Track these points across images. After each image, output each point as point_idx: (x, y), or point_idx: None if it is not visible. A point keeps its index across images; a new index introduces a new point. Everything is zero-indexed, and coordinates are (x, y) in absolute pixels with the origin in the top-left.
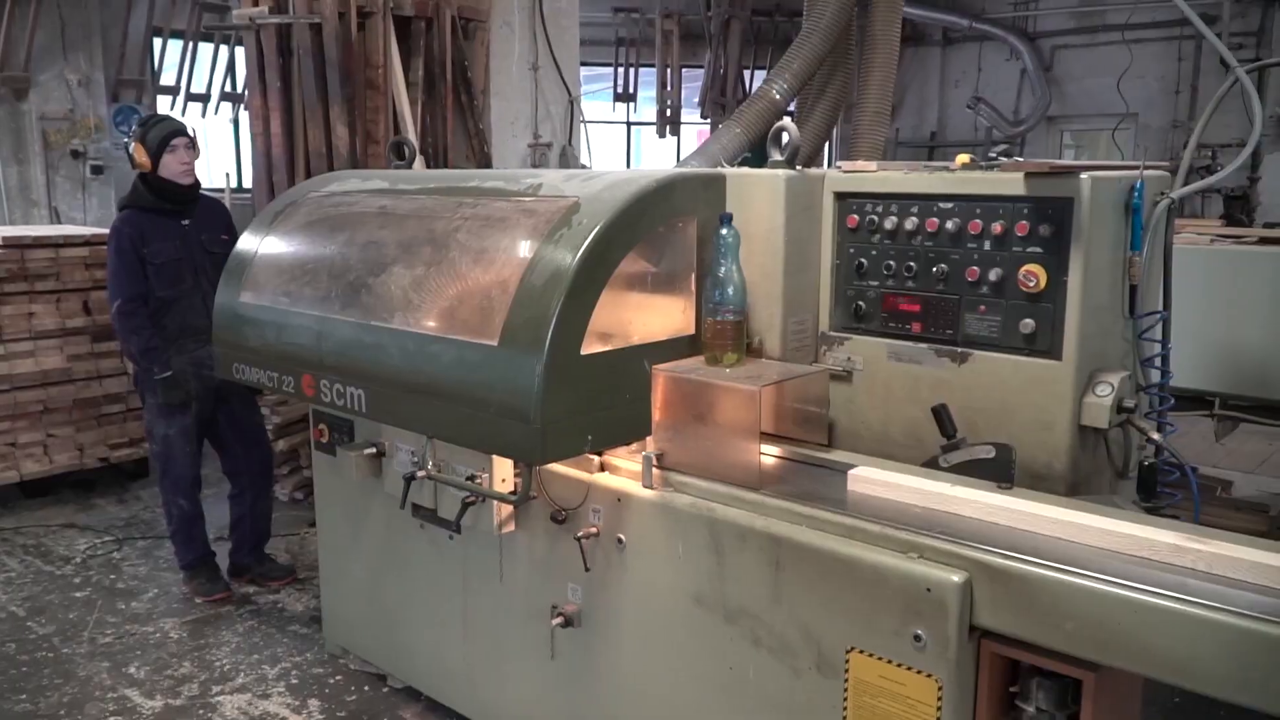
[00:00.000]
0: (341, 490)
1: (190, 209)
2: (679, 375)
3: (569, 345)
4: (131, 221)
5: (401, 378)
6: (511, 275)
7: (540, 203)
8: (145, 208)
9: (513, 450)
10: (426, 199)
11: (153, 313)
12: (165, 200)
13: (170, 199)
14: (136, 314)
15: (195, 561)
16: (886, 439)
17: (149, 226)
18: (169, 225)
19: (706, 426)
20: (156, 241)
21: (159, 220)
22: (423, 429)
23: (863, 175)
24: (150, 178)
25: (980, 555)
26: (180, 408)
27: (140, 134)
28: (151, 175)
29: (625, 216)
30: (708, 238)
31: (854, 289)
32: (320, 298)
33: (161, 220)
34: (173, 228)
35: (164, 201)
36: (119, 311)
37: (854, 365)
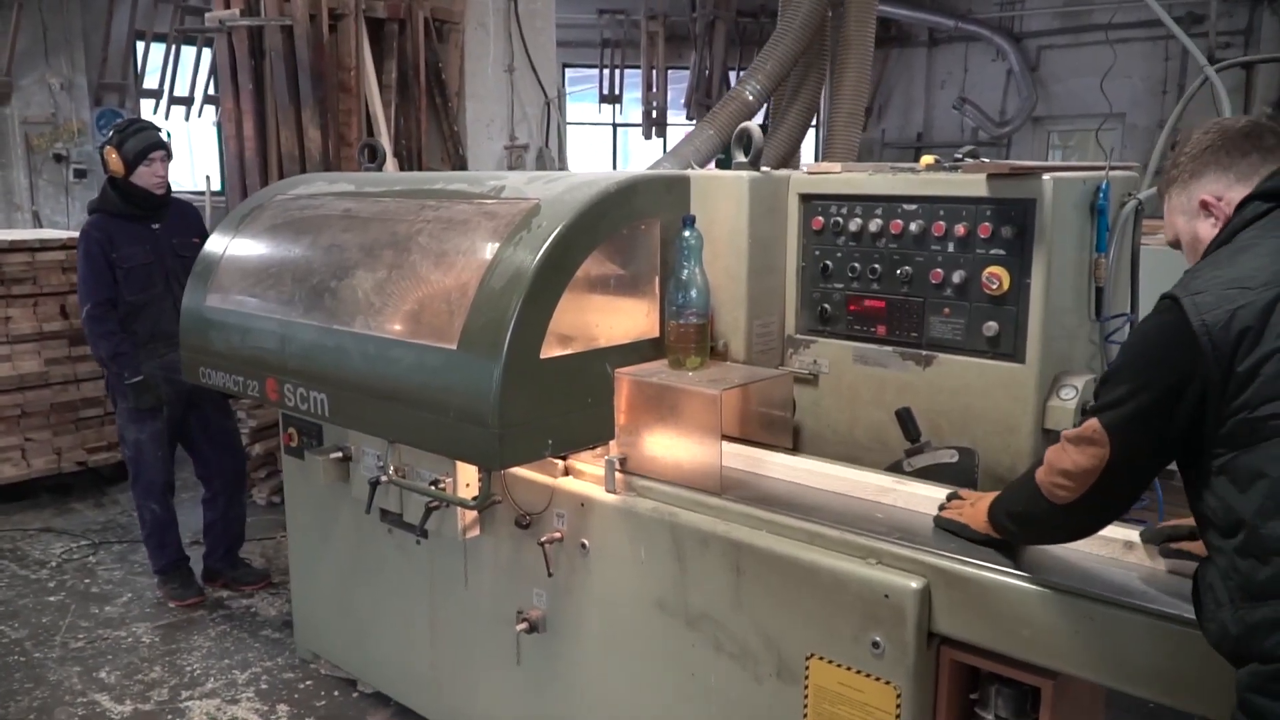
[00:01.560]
0: (311, 495)
1: (160, 213)
2: (641, 379)
3: (528, 348)
4: (100, 226)
5: (363, 382)
6: (471, 278)
7: (502, 205)
8: (114, 213)
9: (471, 455)
10: (390, 202)
11: (123, 317)
12: (135, 206)
13: (140, 205)
14: (105, 318)
15: (168, 566)
16: (852, 442)
17: (118, 231)
18: (138, 230)
19: (669, 430)
20: (125, 246)
21: (128, 225)
22: (384, 433)
23: (827, 177)
24: (121, 183)
25: (938, 561)
26: (151, 412)
27: (118, 140)
28: (123, 180)
29: (585, 218)
30: (671, 240)
31: (820, 291)
32: (284, 301)
33: (131, 225)
34: (142, 232)
35: (134, 207)
36: (88, 316)
37: (820, 368)
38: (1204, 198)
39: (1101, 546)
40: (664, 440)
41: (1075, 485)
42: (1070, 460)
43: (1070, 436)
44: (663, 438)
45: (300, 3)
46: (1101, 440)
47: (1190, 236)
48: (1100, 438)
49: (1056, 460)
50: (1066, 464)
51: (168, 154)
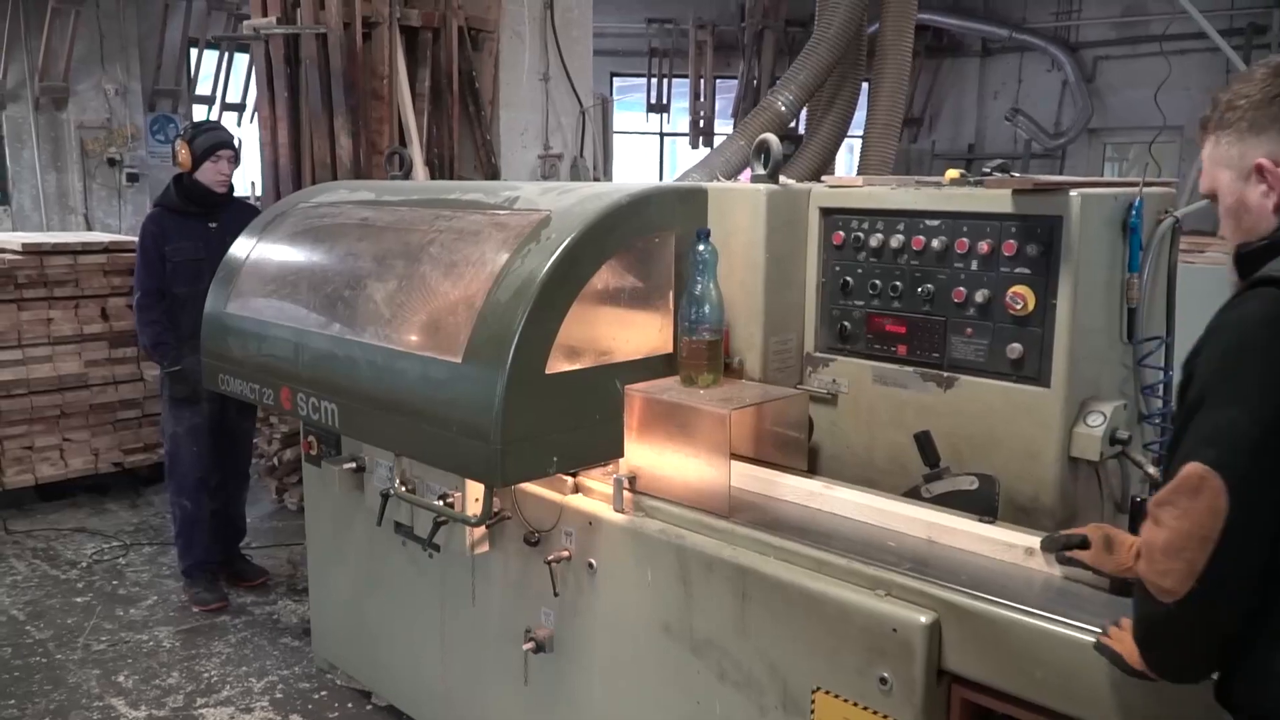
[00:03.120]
0: (329, 503)
1: (219, 212)
2: (651, 395)
3: (533, 362)
4: (156, 219)
5: (371, 393)
6: (479, 290)
7: (513, 216)
8: (172, 208)
9: (473, 470)
10: (406, 211)
11: (169, 308)
12: (193, 203)
13: (198, 202)
14: (151, 307)
15: (193, 568)
16: (870, 465)
17: (173, 225)
18: (194, 226)
19: (678, 450)
20: (178, 240)
21: (184, 221)
22: (391, 446)
23: (849, 190)
24: (185, 178)
25: (949, 595)
26: (189, 407)
27: (191, 134)
28: (187, 176)
29: (596, 230)
30: (686, 254)
31: (839, 308)
32: (300, 310)
33: (187, 221)
34: (197, 228)
35: (192, 204)
36: (136, 304)
37: (839, 388)
38: (1261, 161)
39: (1003, 552)
40: (674, 459)
41: (1184, 567)
42: (1170, 528)
43: (1162, 498)
44: (672, 457)
45: (334, 11)
46: (1212, 487)
47: (1234, 200)
48: (1209, 483)
49: (1152, 538)
50: (1165, 536)
51: (235, 156)
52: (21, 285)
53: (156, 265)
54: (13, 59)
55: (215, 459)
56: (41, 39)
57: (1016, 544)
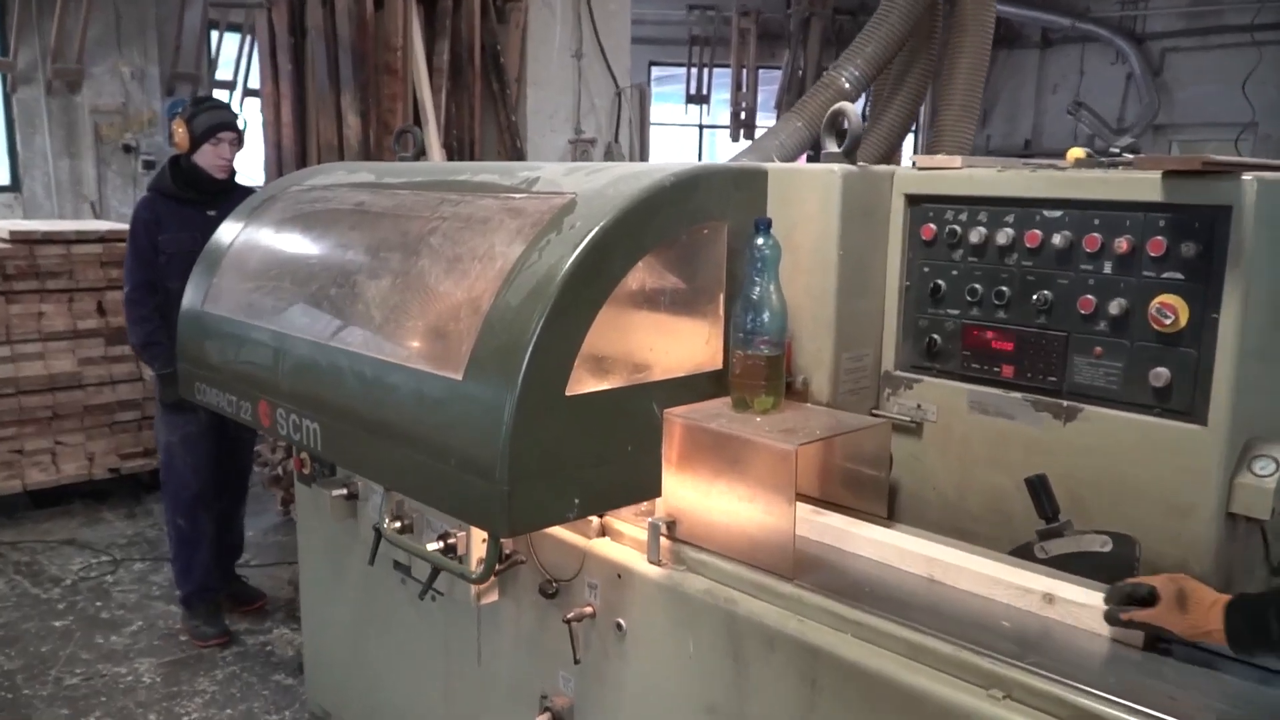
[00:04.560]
0: (323, 528)
1: (219, 200)
2: (697, 423)
3: (551, 382)
4: (149, 205)
5: (357, 412)
6: (485, 290)
7: (531, 201)
8: (167, 193)
9: (474, 514)
10: (407, 195)
11: (162, 304)
12: (191, 189)
13: (197, 187)
14: (142, 303)
15: (192, 596)
16: (961, 511)
17: (168, 213)
18: (191, 215)
19: (730, 491)
20: (173, 230)
21: (180, 208)
22: (379, 477)
23: (944, 173)
24: (183, 161)
25: (1092, 704)
26: (184, 413)
27: (190, 113)
28: (184, 159)
29: (631, 218)
30: (741, 249)
31: (928, 318)
32: (281, 310)
33: (183, 208)
34: (195, 217)
35: (189, 190)
36: (126, 298)
37: (925, 415)
38: None
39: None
40: (724, 503)
41: None
42: None
43: None
44: (722, 499)
45: None
46: None
47: None
48: None
49: None
50: None
51: (239, 138)
52: (11, 276)
53: (148, 256)
54: (24, 39)
55: (214, 471)
56: (54, 18)
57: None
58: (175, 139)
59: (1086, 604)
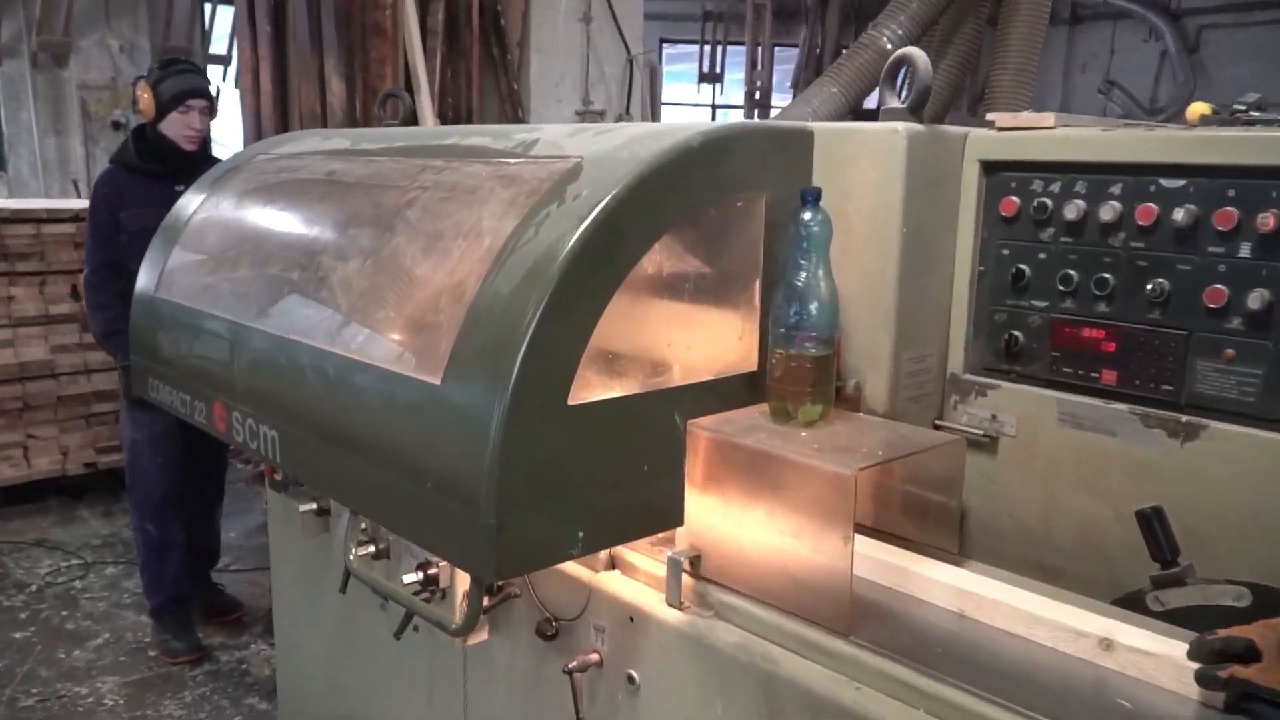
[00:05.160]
0: (296, 542)
1: (188, 174)
2: (727, 438)
3: (549, 387)
4: (111, 179)
5: (319, 419)
6: (470, 274)
7: (528, 166)
8: (131, 166)
9: (453, 551)
10: (385, 163)
11: (126, 289)
12: (157, 161)
13: (163, 160)
14: (103, 287)
15: (162, 608)
16: (1045, 545)
17: (131, 187)
18: (156, 189)
19: (768, 522)
20: (136, 206)
21: (145, 182)
22: (343, 498)
23: (1031, 135)
24: (148, 130)
25: None
26: (151, 409)
27: (156, 78)
28: (150, 128)
29: (649, 187)
30: (783, 225)
31: (1007, 311)
32: (238, 297)
33: (148, 182)
34: (161, 193)
35: (155, 162)
36: (85, 282)
37: (1001, 428)
38: None
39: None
40: (761, 536)
41: None
42: None
43: None
44: (759, 532)
45: None
46: None
47: None
48: None
49: None
50: None
51: (210, 106)
52: None
53: (110, 235)
54: (8, 10)
55: (185, 472)
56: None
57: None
58: (140, 106)
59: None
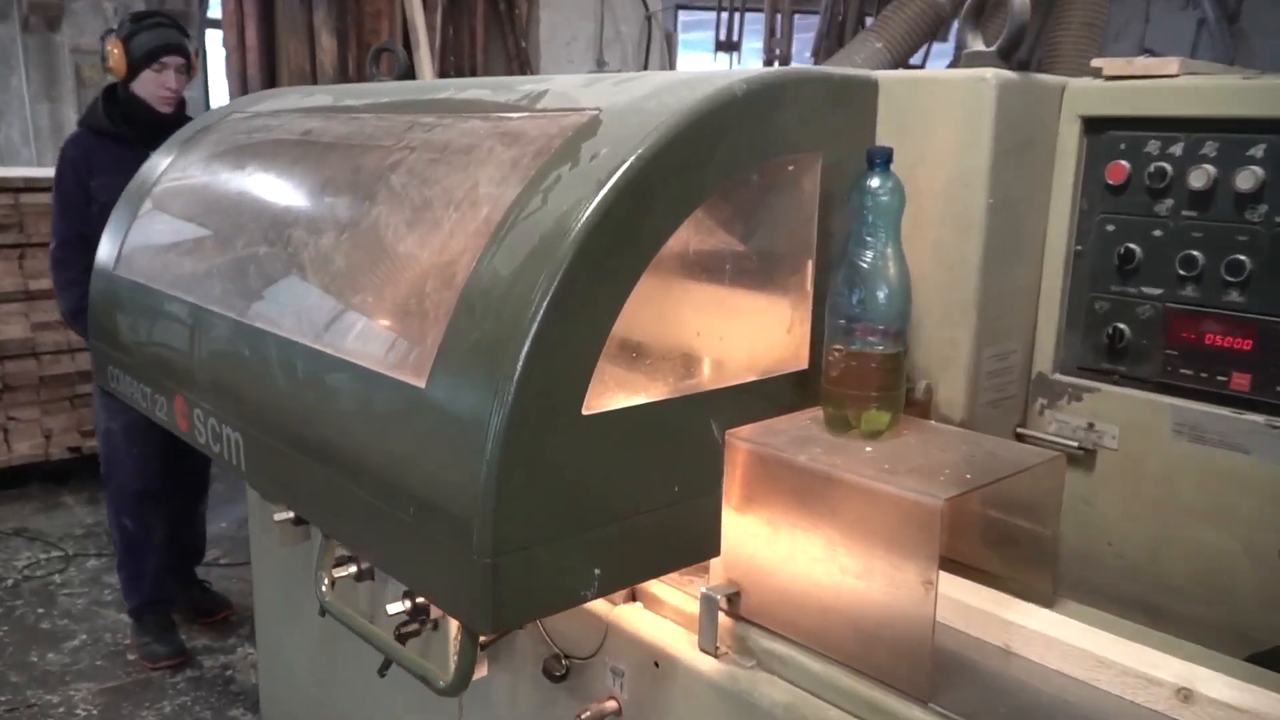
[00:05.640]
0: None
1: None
2: (775, 453)
3: (560, 392)
4: (79, 144)
5: (286, 422)
6: (463, 252)
7: (534, 121)
8: (100, 129)
9: (442, 593)
10: (369, 120)
11: None
12: (128, 124)
13: (135, 123)
14: (70, 263)
15: (141, 609)
16: (1154, 580)
17: (101, 154)
18: (128, 156)
19: (827, 557)
20: (106, 173)
21: (115, 147)
22: (315, 517)
23: (1148, 85)
24: (119, 90)
25: None
26: None
27: (127, 32)
28: (121, 87)
29: (683, 145)
30: (842, 193)
31: (1111, 299)
32: (201, 275)
33: (118, 148)
34: (133, 159)
35: (126, 125)
36: (51, 257)
37: (1100, 440)
38: None
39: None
40: (817, 572)
41: None
42: None
43: None
44: (815, 567)
45: None
46: None
47: None
48: None
49: None
50: None
51: (187, 64)
52: None
53: (78, 206)
54: None
55: (164, 464)
56: None
57: (1165, 679)
58: (109, 63)
59: None
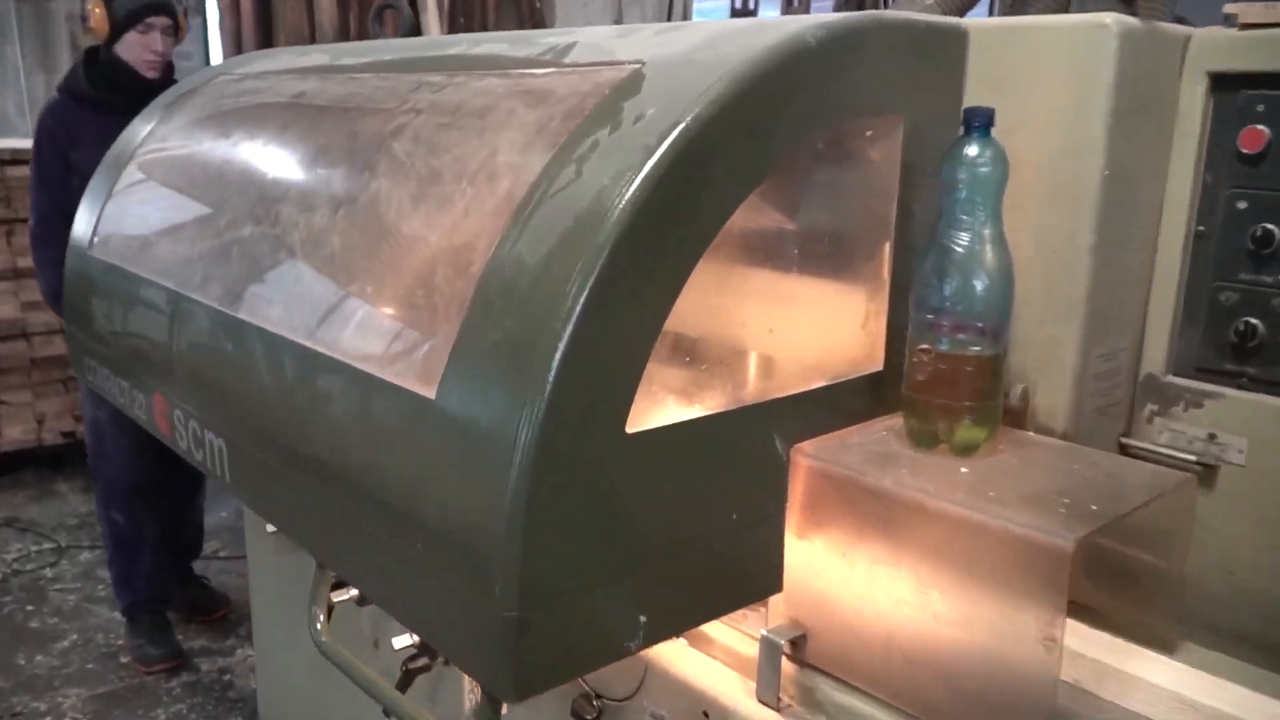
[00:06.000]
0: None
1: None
2: (852, 475)
3: (600, 408)
4: (58, 113)
5: (273, 430)
6: (479, 236)
7: (564, 77)
8: (81, 96)
9: (457, 648)
10: (369, 80)
11: None
12: (111, 90)
13: (117, 89)
14: (50, 241)
15: (135, 608)
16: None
17: (83, 122)
18: (112, 124)
19: (918, 599)
20: (89, 144)
21: (97, 116)
22: (307, 542)
23: None
24: (101, 53)
25: None
26: None
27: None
28: (103, 50)
29: (749, 103)
30: (924, 164)
31: (1239, 289)
32: (181, 257)
33: (101, 116)
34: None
35: (109, 91)
36: (30, 235)
37: (1222, 453)
38: None
39: None
40: (903, 616)
41: None
42: None
43: None
44: (900, 610)
45: None
46: None
47: None
48: None
49: None
50: None
51: (174, 25)
52: None
53: (58, 179)
54: None
55: (155, 456)
56: None
57: None
58: (90, 23)
59: None
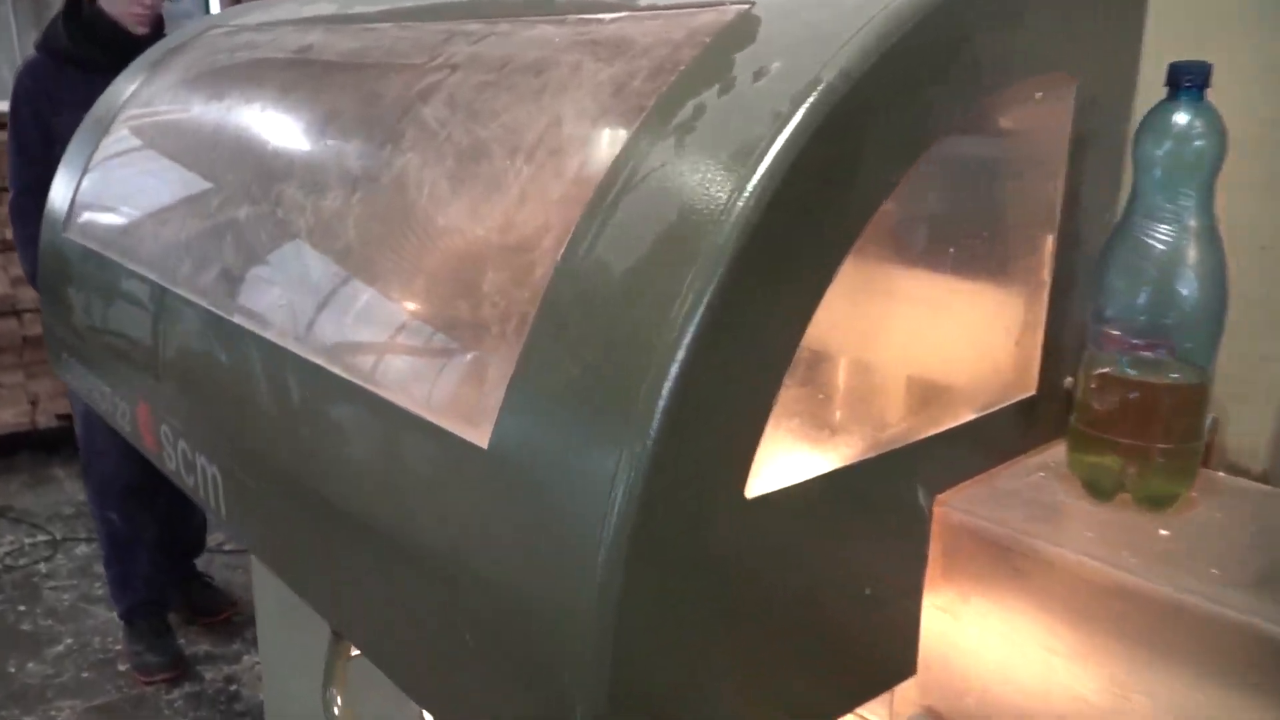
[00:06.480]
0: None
1: None
2: (1014, 536)
3: (716, 466)
4: (36, 73)
5: (276, 462)
6: (545, 232)
7: (644, 22)
8: (63, 55)
9: None
10: (389, 31)
11: None
12: (96, 47)
13: (104, 45)
14: (31, 214)
15: (133, 611)
16: None
17: (64, 84)
18: (97, 84)
19: (1113, 695)
20: (71, 108)
21: (81, 76)
22: (318, 605)
23: None
24: (84, 7)
25: None
26: None
27: None
28: (86, 3)
29: (907, 55)
30: (1097, 134)
31: None
32: (167, 243)
33: (85, 77)
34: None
35: (93, 48)
36: (10, 208)
37: None
38: None
39: None
40: (1087, 713)
41: None
42: None
43: None
44: (1082, 709)
45: None
46: None
47: None
48: None
49: None
50: None
51: None
52: None
53: (40, 146)
54: None
55: None
56: None
57: None
58: None
59: None
